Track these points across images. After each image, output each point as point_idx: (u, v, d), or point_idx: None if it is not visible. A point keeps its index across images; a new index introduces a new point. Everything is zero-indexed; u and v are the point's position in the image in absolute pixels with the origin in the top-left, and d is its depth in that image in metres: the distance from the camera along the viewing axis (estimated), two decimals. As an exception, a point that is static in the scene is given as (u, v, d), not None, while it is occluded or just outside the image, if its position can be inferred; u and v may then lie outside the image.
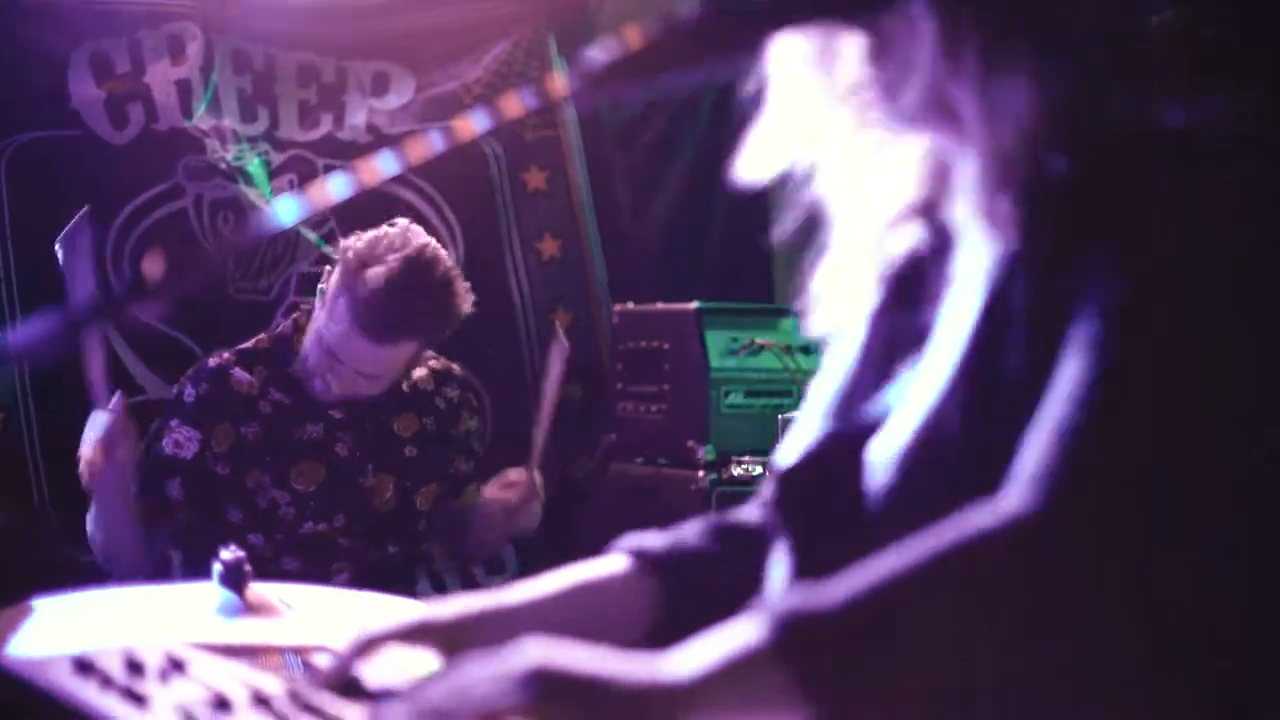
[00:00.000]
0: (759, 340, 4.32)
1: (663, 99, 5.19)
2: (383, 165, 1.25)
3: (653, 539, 1.72)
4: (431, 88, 4.96)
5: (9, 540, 4.19)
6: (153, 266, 1.05)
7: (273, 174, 4.75)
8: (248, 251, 4.02)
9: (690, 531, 1.75)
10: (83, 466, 3.17)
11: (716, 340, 4.31)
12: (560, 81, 1.28)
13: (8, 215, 4.43)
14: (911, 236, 1.47)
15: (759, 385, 4.26)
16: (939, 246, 1.44)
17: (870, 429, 1.38)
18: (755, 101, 1.50)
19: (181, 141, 4.62)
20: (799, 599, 1.25)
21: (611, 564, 1.71)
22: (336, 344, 3.30)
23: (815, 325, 1.57)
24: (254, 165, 4.71)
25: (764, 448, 4.10)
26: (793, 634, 1.23)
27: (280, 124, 4.79)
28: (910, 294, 1.45)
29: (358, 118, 4.87)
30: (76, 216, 2.91)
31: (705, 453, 4.18)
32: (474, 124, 1.25)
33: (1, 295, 4.39)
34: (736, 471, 4.14)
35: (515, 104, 1.27)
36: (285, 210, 1.25)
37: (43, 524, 4.34)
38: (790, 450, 1.46)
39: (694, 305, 4.37)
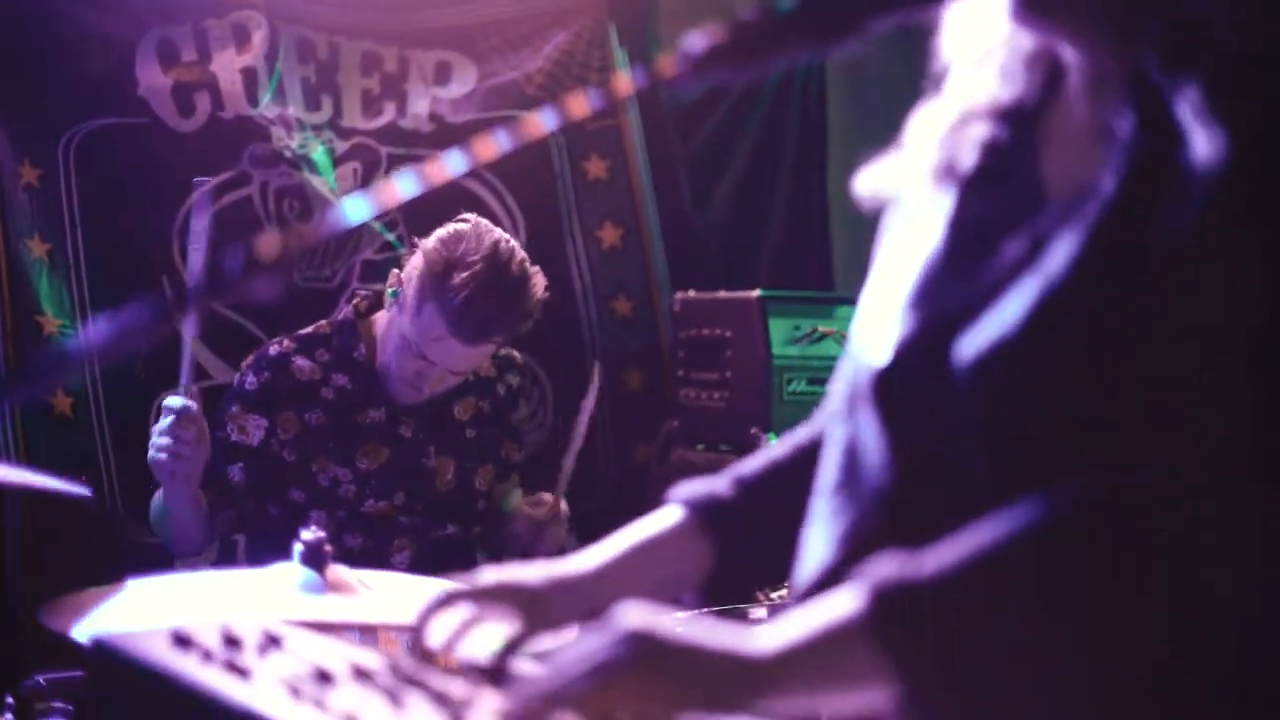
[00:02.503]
0: (821, 328, 4.33)
1: (724, 87, 5.19)
2: (449, 163, 1.27)
3: (704, 487, 1.75)
4: (493, 77, 4.98)
5: (89, 521, 4.22)
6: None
7: (336, 162, 4.77)
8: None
9: (742, 473, 1.78)
10: (154, 452, 3.19)
11: (779, 328, 4.31)
12: (625, 80, 1.30)
13: (77, 202, 4.46)
14: (986, 130, 1.47)
15: (821, 373, 4.26)
16: (1023, 142, 1.44)
17: (958, 318, 1.38)
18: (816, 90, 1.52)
19: (247, 129, 4.65)
20: (894, 570, 1.26)
21: (668, 517, 1.75)
22: (428, 348, 3.34)
23: (869, 186, 1.56)
24: (318, 153, 4.73)
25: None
26: (888, 606, 1.25)
27: (344, 112, 4.82)
28: (996, 187, 1.44)
29: (420, 106, 4.89)
30: (196, 195, 2.92)
31: (767, 439, 4.19)
32: (540, 122, 1.27)
33: (70, 282, 4.42)
34: (800, 458, 4.14)
35: (581, 104, 1.28)
36: (354, 209, 1.26)
37: (111, 506, 4.38)
38: (876, 346, 1.46)
39: (756, 293, 4.38)
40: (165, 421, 3.14)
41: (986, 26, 1.48)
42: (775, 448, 1.80)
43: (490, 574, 1.70)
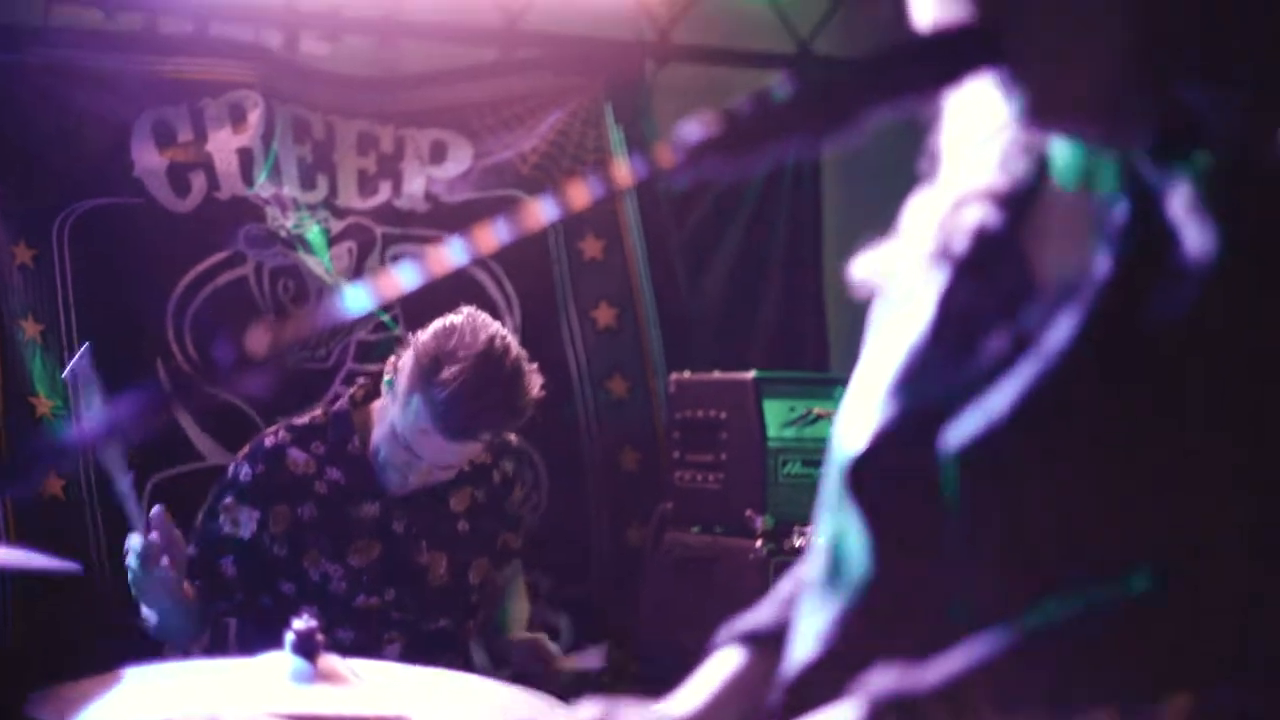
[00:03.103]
0: (816, 410, 4.31)
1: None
2: (448, 252, 1.25)
3: (759, 620, 1.71)
4: (489, 156, 4.99)
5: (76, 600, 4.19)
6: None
7: (331, 242, 4.77)
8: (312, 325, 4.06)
9: (791, 598, 1.74)
10: (130, 579, 3.20)
11: (774, 410, 4.29)
12: (623, 170, 1.29)
13: (71, 282, 4.45)
14: (979, 215, 1.45)
15: (817, 455, 4.22)
16: (1014, 229, 1.43)
17: (941, 408, 1.35)
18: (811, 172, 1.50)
19: (242, 209, 4.64)
20: (893, 682, 1.24)
21: (733, 658, 1.69)
22: (414, 441, 3.33)
23: (864, 272, 1.54)
24: (313, 233, 4.73)
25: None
26: (885, 718, 1.23)
27: (339, 192, 4.82)
28: (985, 275, 1.43)
29: (416, 186, 4.90)
30: (79, 353, 2.97)
31: (763, 522, 4.16)
32: (539, 212, 1.27)
33: (64, 363, 4.40)
34: (796, 541, 4.10)
35: (580, 192, 1.28)
36: (352, 299, 1.25)
37: (102, 588, 4.35)
38: (856, 432, 1.43)
39: (751, 375, 4.36)
40: (130, 560, 3.17)
41: (984, 114, 1.47)
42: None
43: (588, 713, 1.64)
